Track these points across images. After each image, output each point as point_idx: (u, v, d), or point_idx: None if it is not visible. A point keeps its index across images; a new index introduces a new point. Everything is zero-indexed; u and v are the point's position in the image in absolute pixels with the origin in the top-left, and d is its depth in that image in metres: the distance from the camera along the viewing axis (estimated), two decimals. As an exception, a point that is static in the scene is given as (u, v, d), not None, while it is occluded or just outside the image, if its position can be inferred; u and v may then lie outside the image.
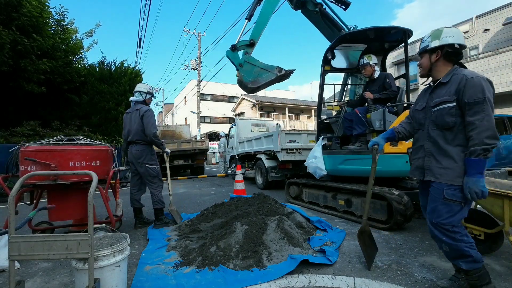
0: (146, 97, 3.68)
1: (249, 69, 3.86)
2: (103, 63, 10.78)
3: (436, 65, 1.81)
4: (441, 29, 1.78)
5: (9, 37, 6.63)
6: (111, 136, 9.91)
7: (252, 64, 3.87)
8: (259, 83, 3.81)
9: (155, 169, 3.58)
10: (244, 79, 3.82)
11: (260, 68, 3.82)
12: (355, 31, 3.96)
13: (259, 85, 3.85)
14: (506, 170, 3.30)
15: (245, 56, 3.94)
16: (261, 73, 3.81)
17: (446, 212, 1.68)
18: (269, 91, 35.90)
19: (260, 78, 3.80)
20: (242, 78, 3.83)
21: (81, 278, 1.64)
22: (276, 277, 2.08)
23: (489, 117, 1.55)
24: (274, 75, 3.77)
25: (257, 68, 3.82)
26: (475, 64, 10.76)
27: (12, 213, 1.58)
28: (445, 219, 1.68)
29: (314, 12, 4.40)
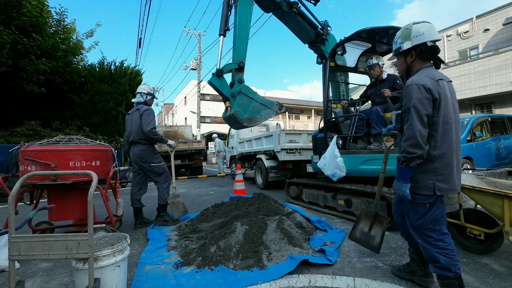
0: (146, 98, 3.71)
1: (245, 103, 3.08)
2: (103, 63, 10.78)
3: (413, 66, 1.74)
4: (410, 28, 1.68)
5: (9, 37, 6.64)
6: (111, 136, 9.91)
7: (249, 97, 3.11)
8: (257, 121, 3.16)
9: (160, 166, 3.62)
10: (240, 116, 3.00)
11: (259, 103, 3.16)
12: (377, 27, 3.74)
13: (256, 124, 3.23)
14: (506, 170, 3.30)
15: (241, 86, 3.12)
16: (260, 109, 3.15)
17: (414, 215, 1.69)
18: (269, 91, 35.91)
19: (258, 116, 3.14)
20: (237, 114, 2.99)
21: (81, 278, 1.64)
22: (276, 277, 2.08)
23: (411, 126, 1.51)
24: (274, 113, 3.26)
25: (256, 103, 3.13)
26: (475, 64, 10.77)
27: (12, 213, 1.58)
28: (415, 221, 1.68)
29: (291, 13, 3.90)
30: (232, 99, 3.06)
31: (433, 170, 1.56)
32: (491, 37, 11.29)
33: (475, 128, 6.21)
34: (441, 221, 1.64)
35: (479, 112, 11.68)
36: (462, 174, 3.65)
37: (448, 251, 1.59)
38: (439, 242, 1.61)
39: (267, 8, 3.92)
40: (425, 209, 1.63)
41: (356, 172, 3.73)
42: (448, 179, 1.56)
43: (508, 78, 9.82)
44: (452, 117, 1.57)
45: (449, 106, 1.57)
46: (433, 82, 1.55)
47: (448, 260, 1.57)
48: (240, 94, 3.07)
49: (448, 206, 2.73)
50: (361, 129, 3.83)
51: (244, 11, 3.34)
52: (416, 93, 1.52)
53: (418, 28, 1.64)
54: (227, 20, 3.30)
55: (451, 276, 1.57)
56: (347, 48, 4.16)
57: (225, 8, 3.28)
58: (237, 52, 3.25)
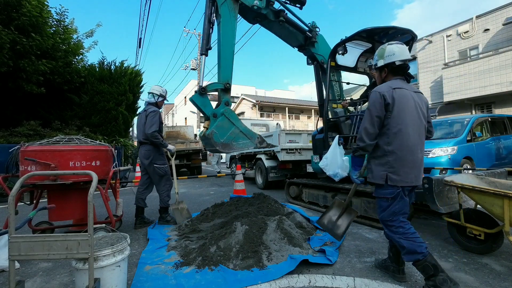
0: (158, 99, 3.72)
1: (225, 127, 2.88)
2: (103, 63, 10.76)
3: (386, 79, 1.97)
4: (384, 48, 1.94)
5: (9, 37, 6.63)
6: (111, 136, 9.89)
7: (231, 122, 2.92)
8: (232, 149, 2.95)
9: (163, 168, 3.61)
10: (215, 138, 2.79)
11: (240, 130, 2.95)
12: (377, 27, 3.75)
13: (231, 151, 3.02)
14: (506, 170, 3.31)
15: (226, 108, 2.94)
16: (238, 137, 2.94)
17: (378, 207, 1.92)
18: (269, 91, 35.91)
19: (235, 143, 2.93)
20: (213, 135, 2.78)
21: (81, 278, 1.64)
22: (276, 277, 2.08)
23: (363, 125, 1.85)
24: (253, 145, 3.01)
25: (236, 130, 2.93)
26: (475, 64, 10.77)
27: (12, 213, 1.58)
28: (379, 214, 1.92)
29: (279, 22, 3.72)
30: (212, 120, 2.89)
31: (386, 163, 1.79)
32: (491, 37, 11.29)
33: (475, 128, 6.22)
34: (400, 214, 1.83)
35: (479, 112, 11.67)
36: (462, 174, 3.67)
37: (408, 235, 1.77)
38: (399, 228, 1.81)
39: (253, 20, 3.74)
40: (387, 203, 1.84)
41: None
42: (399, 172, 1.75)
43: (508, 78, 9.82)
44: (410, 122, 1.77)
45: (407, 112, 1.78)
46: (389, 90, 1.79)
47: (410, 243, 1.75)
48: (222, 116, 2.89)
49: (448, 206, 2.73)
50: None
51: (227, 28, 3.12)
52: (372, 98, 1.83)
53: (391, 49, 1.90)
54: (209, 39, 3.10)
55: (421, 258, 1.72)
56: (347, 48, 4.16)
57: (206, 25, 3.06)
58: (222, 72, 3.05)
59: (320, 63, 4.22)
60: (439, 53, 12.96)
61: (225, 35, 3.11)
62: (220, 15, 3.06)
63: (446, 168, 5.24)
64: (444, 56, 12.70)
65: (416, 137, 1.80)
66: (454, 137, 5.95)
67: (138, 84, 11.56)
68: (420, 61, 13.65)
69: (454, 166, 5.34)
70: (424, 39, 13.30)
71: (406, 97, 1.79)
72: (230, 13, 3.13)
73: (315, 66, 4.41)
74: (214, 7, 3.07)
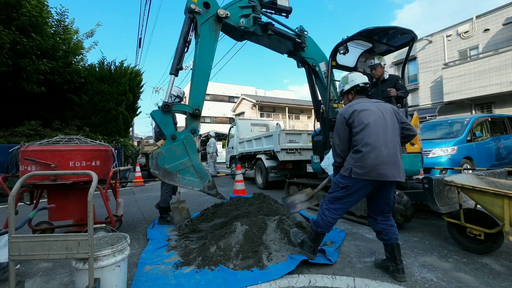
0: (174, 100, 3.73)
1: (177, 153, 2.52)
2: (103, 63, 10.76)
3: (353, 99, 2.31)
4: (346, 76, 2.40)
5: (9, 37, 6.63)
6: (111, 136, 9.89)
7: (187, 152, 2.56)
8: (173, 180, 2.53)
9: None
10: (159, 161, 2.44)
11: (192, 165, 2.56)
12: (378, 27, 3.71)
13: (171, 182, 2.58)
14: (506, 170, 3.31)
15: (189, 135, 2.60)
16: (187, 171, 2.55)
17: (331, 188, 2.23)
18: (269, 91, 35.93)
19: (180, 176, 2.53)
20: (159, 157, 2.45)
21: (81, 278, 1.64)
22: (276, 277, 2.08)
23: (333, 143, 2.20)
24: (200, 187, 2.61)
25: (188, 162, 2.55)
26: (475, 64, 10.76)
27: (12, 213, 1.58)
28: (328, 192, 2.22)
29: (267, 36, 3.50)
30: (168, 141, 2.55)
31: (354, 159, 2.01)
32: (491, 37, 11.28)
33: (475, 128, 6.22)
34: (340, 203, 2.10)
35: (479, 112, 11.67)
36: (462, 174, 3.67)
37: (324, 219, 2.13)
38: (326, 211, 2.14)
39: (240, 38, 3.52)
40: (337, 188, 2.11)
41: None
42: (363, 167, 1.94)
43: (508, 78, 9.82)
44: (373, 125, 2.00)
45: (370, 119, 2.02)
46: (348, 109, 2.12)
47: (320, 222, 2.16)
48: (180, 142, 2.55)
49: (448, 206, 2.74)
50: None
51: (206, 49, 2.85)
52: (337, 119, 2.18)
53: (353, 76, 2.36)
54: (182, 58, 2.80)
55: (319, 231, 2.19)
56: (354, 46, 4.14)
57: (181, 43, 2.78)
58: (193, 97, 2.76)
59: (312, 66, 4.09)
60: (439, 53, 12.96)
61: (203, 57, 2.85)
62: (199, 34, 2.81)
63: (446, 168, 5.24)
64: (444, 56, 12.70)
65: (382, 137, 1.99)
66: (454, 137, 5.96)
67: (138, 84, 11.56)
68: (420, 61, 13.65)
69: (454, 166, 5.35)
70: (424, 39, 13.30)
71: (368, 108, 2.09)
72: (211, 33, 2.88)
73: (306, 70, 4.29)
74: (193, 24, 2.82)
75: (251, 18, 3.17)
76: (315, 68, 4.09)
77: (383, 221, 2.13)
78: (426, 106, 13.16)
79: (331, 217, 2.12)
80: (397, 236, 2.11)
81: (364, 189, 2.01)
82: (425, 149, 5.49)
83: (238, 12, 3.08)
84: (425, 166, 4.89)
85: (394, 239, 2.09)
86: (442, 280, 2.01)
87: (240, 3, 3.10)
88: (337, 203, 2.10)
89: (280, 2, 3.45)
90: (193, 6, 2.71)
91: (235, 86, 32.96)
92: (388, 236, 2.09)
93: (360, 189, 2.01)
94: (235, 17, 3.04)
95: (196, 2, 2.74)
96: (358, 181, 1.96)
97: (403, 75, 4.23)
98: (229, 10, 2.98)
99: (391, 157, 1.96)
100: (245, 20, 3.13)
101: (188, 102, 2.76)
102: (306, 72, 4.34)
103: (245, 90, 31.47)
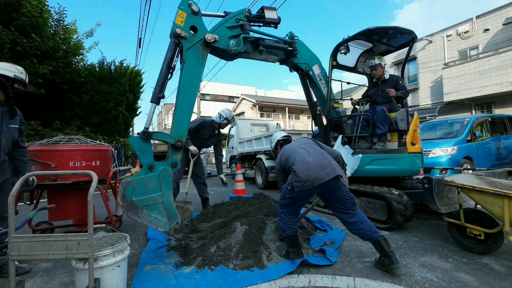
0: (221, 121, 4.01)
1: (149, 186, 2.27)
2: (103, 63, 10.76)
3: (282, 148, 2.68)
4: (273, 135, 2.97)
5: (9, 37, 6.62)
6: (111, 136, 9.89)
7: (160, 187, 2.32)
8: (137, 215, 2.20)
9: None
10: (127, 191, 2.16)
11: (163, 202, 2.31)
12: (379, 27, 3.70)
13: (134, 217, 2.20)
14: (506, 170, 3.31)
15: (167, 169, 2.37)
16: (155, 208, 2.28)
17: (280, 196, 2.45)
18: (269, 91, 35.93)
19: (145, 212, 2.23)
20: (127, 186, 2.17)
21: (81, 278, 1.64)
22: (276, 277, 2.08)
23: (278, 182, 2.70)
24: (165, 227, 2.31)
25: (159, 199, 2.29)
26: (475, 64, 10.76)
27: (12, 213, 1.58)
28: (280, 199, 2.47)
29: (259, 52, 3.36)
30: (144, 171, 2.29)
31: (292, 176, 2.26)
32: (491, 37, 11.28)
33: (475, 128, 6.22)
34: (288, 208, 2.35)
35: (479, 112, 11.66)
36: (462, 174, 3.67)
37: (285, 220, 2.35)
38: (282, 214, 2.38)
39: (230, 58, 3.34)
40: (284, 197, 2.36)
41: (362, 172, 3.70)
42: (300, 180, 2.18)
43: (508, 78, 9.82)
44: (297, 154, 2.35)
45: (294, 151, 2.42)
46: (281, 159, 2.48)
47: (282, 225, 2.36)
48: (156, 174, 2.30)
49: (448, 206, 2.74)
50: (365, 129, 3.83)
51: (191, 76, 2.64)
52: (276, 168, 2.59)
53: (274, 136, 2.91)
54: (164, 86, 2.57)
55: (284, 235, 2.36)
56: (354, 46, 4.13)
57: (165, 70, 2.54)
58: (176, 126, 2.54)
59: (305, 71, 3.99)
60: (439, 53, 12.96)
61: (188, 85, 2.61)
62: (184, 60, 2.60)
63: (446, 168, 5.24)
64: (444, 56, 12.69)
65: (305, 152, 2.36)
66: (454, 137, 5.96)
67: (138, 84, 11.56)
68: (420, 61, 13.65)
69: (454, 166, 5.35)
70: (424, 39, 13.30)
71: (291, 148, 2.51)
72: (197, 59, 2.67)
73: (300, 75, 4.21)
74: (178, 48, 2.62)
75: (241, 39, 2.99)
76: (309, 72, 3.98)
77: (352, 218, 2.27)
78: (426, 106, 13.16)
79: (288, 218, 2.34)
80: (376, 230, 2.22)
81: (307, 197, 2.35)
82: (425, 149, 5.49)
83: (226, 33, 2.92)
84: (425, 166, 4.89)
85: (375, 234, 2.18)
86: (442, 280, 2.01)
87: (227, 23, 2.93)
88: (288, 207, 2.36)
89: (268, 16, 3.23)
90: (179, 30, 2.51)
91: (235, 86, 32.97)
92: (368, 234, 2.20)
93: (303, 198, 2.33)
94: (224, 40, 2.88)
95: (182, 26, 2.55)
96: (299, 192, 2.22)
97: (403, 75, 4.24)
98: (217, 33, 2.79)
99: (318, 162, 2.25)
100: (235, 42, 2.98)
101: (171, 131, 2.55)
102: (300, 77, 4.25)
103: (245, 90, 31.47)
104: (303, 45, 3.88)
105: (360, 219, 2.24)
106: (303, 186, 2.17)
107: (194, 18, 2.63)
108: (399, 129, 3.56)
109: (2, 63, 2.27)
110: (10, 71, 2.22)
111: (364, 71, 4.65)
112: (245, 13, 3.01)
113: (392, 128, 3.63)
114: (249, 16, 3.05)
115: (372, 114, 3.71)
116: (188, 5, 2.58)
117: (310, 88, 4.30)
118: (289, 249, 2.34)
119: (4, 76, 2.18)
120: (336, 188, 2.25)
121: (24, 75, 2.31)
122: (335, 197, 2.28)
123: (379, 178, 3.77)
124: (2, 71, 2.19)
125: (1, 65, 2.23)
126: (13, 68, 2.26)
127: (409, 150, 3.43)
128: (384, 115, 3.59)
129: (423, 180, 2.79)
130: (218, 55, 3.19)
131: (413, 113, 3.73)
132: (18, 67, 2.31)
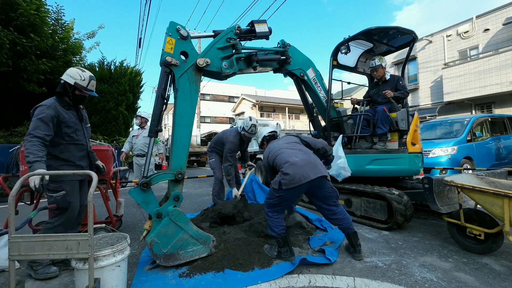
0: (241, 131, 4.01)
1: (169, 234, 2.25)
2: (103, 63, 10.76)
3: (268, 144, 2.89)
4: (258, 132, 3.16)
5: (8, 37, 6.62)
6: (111, 136, 9.90)
7: (179, 227, 2.29)
8: (178, 260, 2.25)
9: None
10: (156, 249, 2.19)
11: (190, 235, 2.31)
12: (380, 27, 3.69)
13: (177, 262, 2.26)
14: (506, 170, 3.31)
15: (174, 210, 2.30)
16: (188, 243, 2.30)
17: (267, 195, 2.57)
18: (269, 91, 35.93)
19: (182, 252, 2.27)
20: (153, 246, 2.19)
21: (81, 278, 1.64)
22: (276, 277, 2.08)
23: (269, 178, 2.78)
24: (207, 251, 2.36)
25: (185, 235, 2.29)
26: (475, 64, 10.76)
27: (12, 213, 1.58)
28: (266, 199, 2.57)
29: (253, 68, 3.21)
30: (155, 221, 2.27)
31: (280, 175, 2.36)
32: (491, 37, 11.28)
33: (475, 128, 6.22)
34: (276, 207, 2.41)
35: (479, 112, 11.66)
36: (462, 174, 3.67)
37: (272, 219, 2.39)
38: (269, 213, 2.43)
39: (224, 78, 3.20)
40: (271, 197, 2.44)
41: (363, 172, 3.69)
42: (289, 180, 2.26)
43: (508, 78, 9.82)
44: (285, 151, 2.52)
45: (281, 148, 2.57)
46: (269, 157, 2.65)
47: (271, 224, 2.39)
48: (167, 219, 2.26)
49: (448, 206, 2.74)
50: (366, 129, 3.83)
51: (186, 104, 2.54)
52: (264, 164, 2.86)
53: (261, 131, 3.10)
54: (161, 119, 2.50)
55: (274, 235, 2.37)
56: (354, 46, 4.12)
57: (159, 102, 2.46)
58: (174, 159, 2.47)
59: (300, 76, 3.91)
60: (439, 53, 12.96)
61: (183, 113, 2.54)
62: (177, 88, 2.53)
63: (446, 168, 5.24)
64: (444, 56, 12.69)
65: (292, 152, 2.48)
66: (454, 137, 5.96)
67: (138, 84, 11.57)
68: (420, 61, 13.65)
69: (454, 166, 5.35)
70: (424, 39, 13.29)
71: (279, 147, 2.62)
72: (191, 85, 2.58)
73: (295, 81, 4.14)
74: (171, 77, 2.54)
75: (233, 59, 2.87)
76: (304, 77, 3.90)
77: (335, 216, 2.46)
78: (426, 106, 13.16)
79: (276, 216, 2.40)
80: (352, 226, 2.48)
81: (295, 195, 2.42)
82: (425, 149, 5.49)
83: (218, 55, 2.80)
84: (425, 166, 4.89)
85: (350, 229, 2.45)
86: (442, 280, 2.01)
87: (217, 44, 2.81)
88: (275, 207, 2.41)
89: (259, 30, 3.11)
90: (169, 58, 2.43)
91: (235, 86, 32.95)
92: (345, 227, 2.46)
93: (291, 197, 2.41)
94: (216, 62, 2.76)
95: (172, 54, 2.48)
96: (287, 190, 2.28)
97: (403, 75, 4.24)
98: (208, 56, 2.68)
99: (305, 161, 2.36)
100: (228, 63, 2.85)
101: (169, 166, 2.51)
102: (295, 83, 4.16)
103: (245, 90, 31.47)
104: (295, 50, 3.79)
105: (341, 216, 2.46)
106: (291, 184, 2.25)
107: (183, 43, 2.55)
108: (400, 129, 3.57)
109: (71, 69, 2.32)
110: (72, 78, 2.26)
111: (364, 71, 4.65)
112: (235, 30, 2.88)
113: (392, 128, 3.63)
114: (240, 33, 2.94)
115: (372, 114, 3.70)
116: (176, 30, 2.50)
117: (305, 92, 4.25)
118: (281, 249, 2.35)
119: (68, 84, 2.26)
120: (322, 186, 2.40)
121: (85, 82, 2.31)
122: (321, 194, 2.43)
123: (379, 178, 3.77)
124: (65, 78, 2.26)
125: (68, 71, 2.29)
126: (77, 74, 2.28)
127: (409, 150, 3.44)
128: (385, 115, 3.59)
129: (423, 180, 2.79)
130: (211, 77, 3.08)
131: (413, 113, 3.73)
132: (84, 73, 2.33)
